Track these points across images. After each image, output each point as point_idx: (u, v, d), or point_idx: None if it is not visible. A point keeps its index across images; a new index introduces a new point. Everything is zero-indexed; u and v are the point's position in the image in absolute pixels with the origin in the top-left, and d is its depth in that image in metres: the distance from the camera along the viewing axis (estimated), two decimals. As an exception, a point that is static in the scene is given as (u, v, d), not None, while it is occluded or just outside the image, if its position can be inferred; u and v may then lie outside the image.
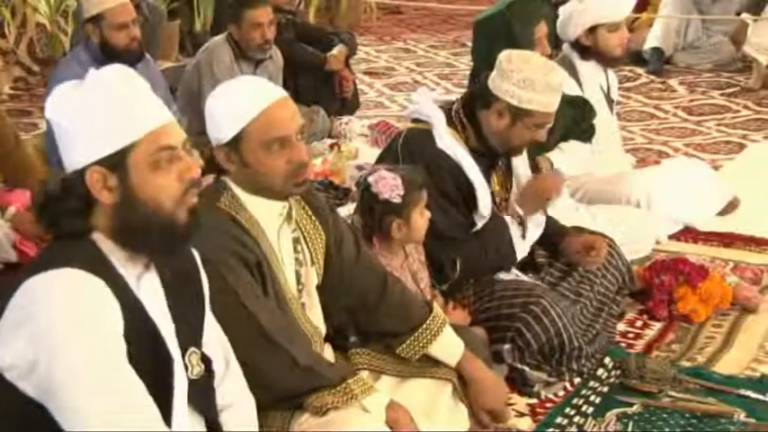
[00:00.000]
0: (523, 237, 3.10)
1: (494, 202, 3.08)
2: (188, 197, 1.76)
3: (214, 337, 1.98)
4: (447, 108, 3.07)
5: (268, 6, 4.81)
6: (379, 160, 3.20)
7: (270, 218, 2.27)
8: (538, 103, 2.91)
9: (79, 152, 1.72)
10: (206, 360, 1.91)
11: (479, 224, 3.04)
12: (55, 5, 6.71)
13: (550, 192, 3.16)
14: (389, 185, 2.73)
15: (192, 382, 1.85)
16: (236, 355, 2.03)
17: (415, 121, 3.10)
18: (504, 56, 2.97)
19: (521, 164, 3.22)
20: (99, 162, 1.70)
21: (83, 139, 1.71)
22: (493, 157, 3.09)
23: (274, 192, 2.25)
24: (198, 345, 1.89)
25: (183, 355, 1.83)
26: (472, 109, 3.03)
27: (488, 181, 3.09)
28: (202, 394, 1.89)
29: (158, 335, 1.76)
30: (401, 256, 2.85)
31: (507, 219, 3.10)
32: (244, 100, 2.19)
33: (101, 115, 1.70)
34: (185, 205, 1.75)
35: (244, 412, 2.02)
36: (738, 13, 6.85)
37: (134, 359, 1.68)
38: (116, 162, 1.70)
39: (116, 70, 1.78)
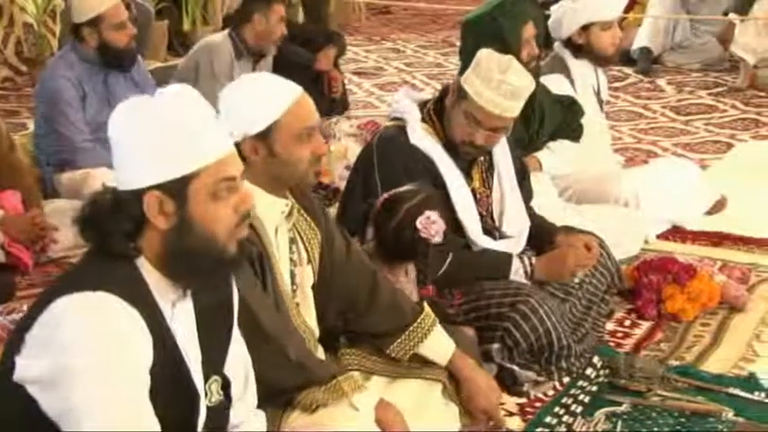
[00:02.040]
0: (528, 278, 3.09)
1: (475, 198, 3.09)
2: (240, 229, 1.74)
3: (238, 355, 1.95)
4: (422, 104, 3.08)
5: None
6: (358, 159, 3.19)
7: (271, 214, 2.30)
8: (474, 90, 2.88)
9: (140, 173, 1.68)
10: (225, 386, 1.89)
11: (464, 219, 3.03)
12: (42, 5, 6.68)
13: (582, 266, 3.14)
14: (439, 227, 2.70)
15: (208, 409, 1.83)
16: None
17: (394, 119, 3.11)
18: (489, 50, 2.99)
19: (502, 160, 3.20)
20: (159, 186, 1.67)
21: (146, 160, 1.67)
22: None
23: (295, 181, 2.31)
24: (220, 372, 1.87)
25: (205, 383, 1.81)
26: (443, 101, 3.03)
27: (469, 177, 3.09)
28: (217, 420, 1.87)
29: (185, 368, 1.74)
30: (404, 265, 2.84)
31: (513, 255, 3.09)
32: (274, 93, 2.26)
33: (168, 139, 1.67)
34: (236, 237, 1.74)
35: (254, 429, 2.00)
36: (726, 14, 6.87)
37: (160, 392, 1.65)
38: (177, 188, 1.67)
39: (183, 92, 1.76)
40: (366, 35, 8.53)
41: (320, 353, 2.46)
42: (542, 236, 3.24)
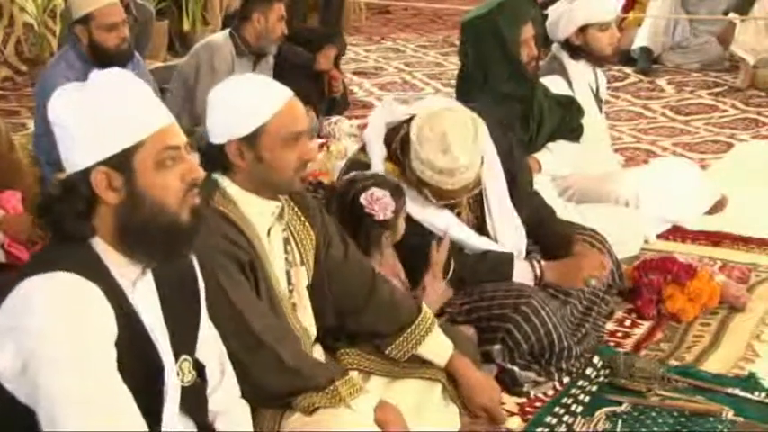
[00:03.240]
0: (537, 281, 3.09)
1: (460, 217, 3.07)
2: (190, 197, 1.76)
3: (210, 343, 1.97)
4: (392, 132, 2.97)
5: None
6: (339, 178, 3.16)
7: (262, 217, 2.28)
8: (426, 177, 2.82)
9: (83, 152, 1.71)
10: (199, 367, 1.90)
11: (454, 234, 3.00)
12: (42, 5, 6.69)
13: (590, 272, 3.11)
14: (384, 204, 2.72)
15: (183, 389, 1.84)
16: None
17: (363, 148, 3.06)
18: (423, 118, 2.83)
19: (489, 180, 3.07)
20: (104, 162, 1.70)
21: (88, 139, 1.71)
22: None
23: (280, 187, 2.28)
24: (191, 352, 1.89)
25: (175, 362, 1.83)
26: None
27: (452, 205, 3.01)
28: (194, 401, 1.89)
29: (151, 342, 1.76)
30: (378, 256, 2.84)
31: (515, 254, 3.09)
32: (263, 96, 2.22)
33: (106, 115, 1.70)
34: (188, 205, 1.76)
35: (237, 419, 2.02)
36: (726, 13, 6.87)
37: (125, 366, 1.67)
38: (121, 162, 1.70)
39: (117, 73, 1.79)
40: (366, 35, 8.54)
41: (317, 353, 2.46)
42: (559, 245, 3.22)
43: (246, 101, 2.21)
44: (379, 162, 2.95)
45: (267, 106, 2.21)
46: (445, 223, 2.99)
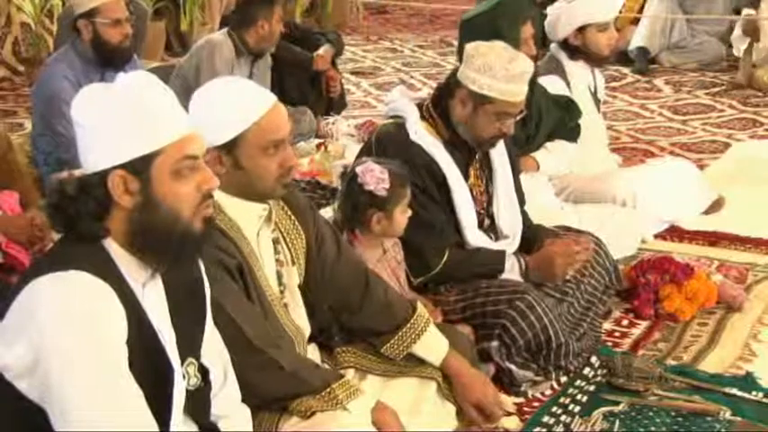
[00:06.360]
0: (523, 274, 3.11)
1: (471, 195, 3.09)
2: (203, 207, 1.77)
3: (213, 347, 1.98)
4: (420, 103, 3.09)
5: None
6: (358, 157, 3.20)
7: (250, 220, 2.27)
8: (497, 91, 2.90)
9: (103, 154, 1.71)
10: (203, 371, 1.91)
11: (461, 214, 3.04)
12: (40, 5, 6.69)
13: (565, 262, 3.13)
14: (376, 178, 2.74)
15: (188, 393, 1.85)
16: None
17: (393, 117, 3.12)
18: (472, 44, 2.99)
19: (498, 158, 3.18)
20: (122, 165, 1.71)
21: (109, 141, 1.71)
22: (469, 150, 3.08)
23: (262, 194, 2.26)
24: (196, 355, 1.90)
25: (182, 365, 1.83)
26: (442, 101, 3.03)
27: (466, 175, 3.09)
28: (198, 404, 1.89)
29: (160, 344, 1.76)
30: (378, 252, 2.86)
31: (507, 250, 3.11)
32: (243, 104, 2.19)
33: (130, 119, 1.71)
34: (201, 215, 1.77)
35: (239, 423, 2.02)
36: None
37: (135, 367, 1.68)
38: (140, 167, 1.71)
39: (144, 76, 1.79)
40: (364, 35, 8.54)
41: (311, 352, 2.46)
42: (530, 239, 3.23)
43: (226, 108, 2.17)
44: (415, 121, 3.01)
45: (246, 115, 2.17)
46: (462, 197, 3.03)
